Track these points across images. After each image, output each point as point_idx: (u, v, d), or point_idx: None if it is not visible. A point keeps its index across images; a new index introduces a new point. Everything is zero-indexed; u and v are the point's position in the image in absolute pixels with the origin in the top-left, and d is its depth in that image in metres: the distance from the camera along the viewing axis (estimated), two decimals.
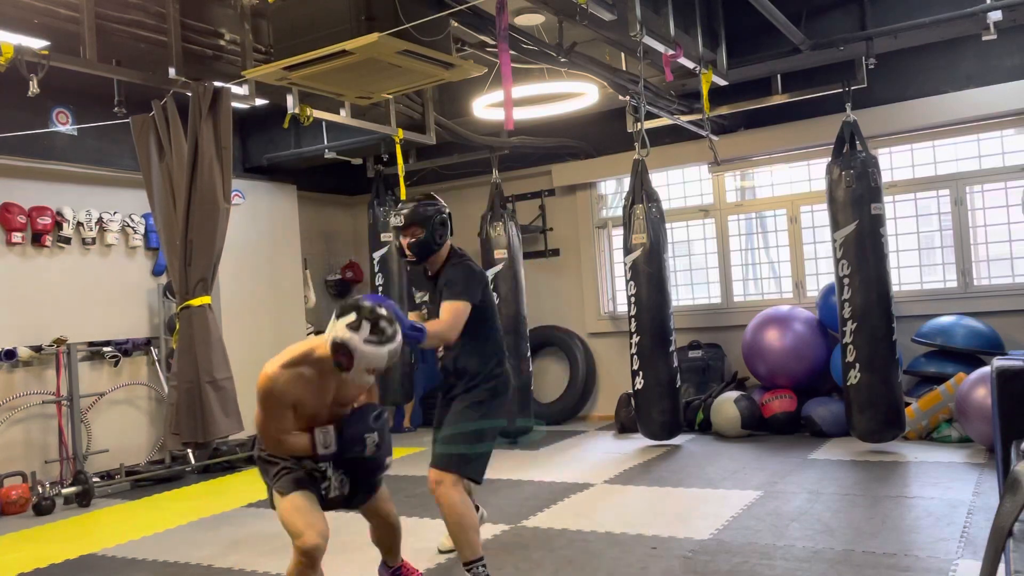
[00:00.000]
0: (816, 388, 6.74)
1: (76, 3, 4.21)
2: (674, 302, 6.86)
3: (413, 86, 4.64)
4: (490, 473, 5.78)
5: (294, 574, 2.95)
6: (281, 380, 2.90)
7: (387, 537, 3.45)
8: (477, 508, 4.04)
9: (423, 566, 3.93)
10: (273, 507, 3.10)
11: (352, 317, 2.82)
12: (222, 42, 4.92)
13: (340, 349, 2.83)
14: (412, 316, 3.71)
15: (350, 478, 3.15)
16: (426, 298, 3.65)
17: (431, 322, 3.38)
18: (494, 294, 7.05)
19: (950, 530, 3.91)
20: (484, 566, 3.40)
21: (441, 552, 4.15)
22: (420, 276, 3.70)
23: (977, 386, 5.39)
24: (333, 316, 2.90)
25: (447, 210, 3.58)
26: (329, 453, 3.03)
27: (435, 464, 3.44)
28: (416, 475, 6.03)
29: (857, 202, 5.66)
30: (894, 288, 5.84)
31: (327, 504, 3.11)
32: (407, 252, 3.54)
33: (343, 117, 5.66)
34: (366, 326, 2.80)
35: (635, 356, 6.34)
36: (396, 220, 3.55)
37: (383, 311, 2.88)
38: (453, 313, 3.38)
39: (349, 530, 4.63)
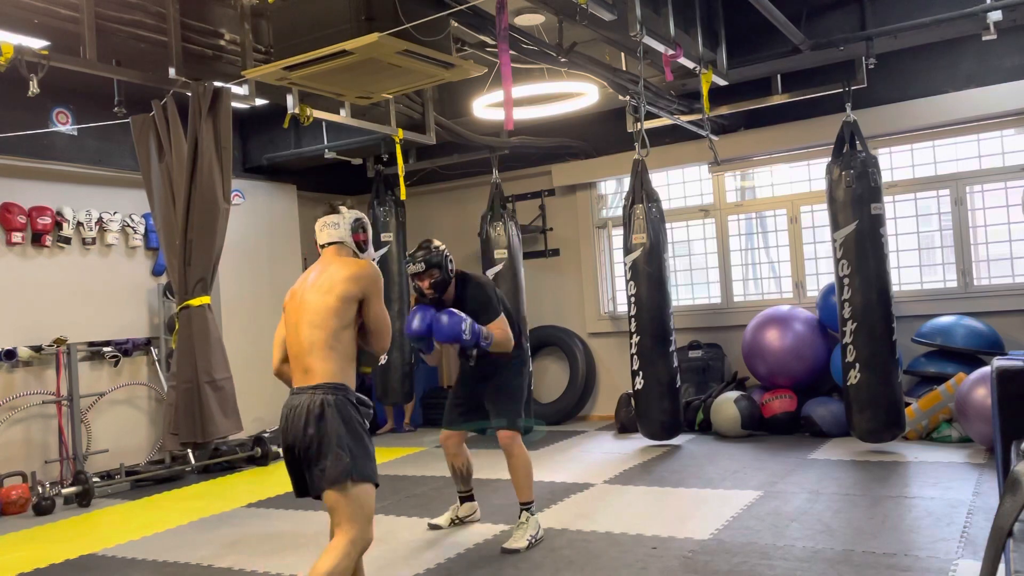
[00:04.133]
0: (816, 388, 6.73)
1: (76, 3, 4.21)
2: (674, 302, 6.86)
3: (413, 86, 4.63)
4: (490, 473, 5.80)
5: (349, 560, 2.78)
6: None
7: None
8: (472, 498, 4.67)
9: (424, 567, 3.94)
10: (333, 492, 2.83)
11: (344, 206, 3.21)
12: (222, 42, 4.92)
13: (360, 226, 3.17)
14: None
15: None
16: None
17: (493, 331, 4.10)
18: None
19: (950, 530, 3.90)
20: (534, 504, 4.30)
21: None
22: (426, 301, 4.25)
23: (977, 386, 5.39)
24: (327, 222, 3.17)
25: (446, 250, 4.25)
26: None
27: (503, 427, 4.21)
28: (416, 475, 6.03)
29: (857, 202, 5.66)
30: (894, 288, 5.84)
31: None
32: (427, 292, 4.15)
33: (343, 117, 5.66)
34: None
35: (635, 356, 6.34)
36: (417, 267, 4.13)
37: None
38: (503, 327, 4.15)
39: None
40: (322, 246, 3.17)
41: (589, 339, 8.17)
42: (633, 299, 6.33)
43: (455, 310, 4.03)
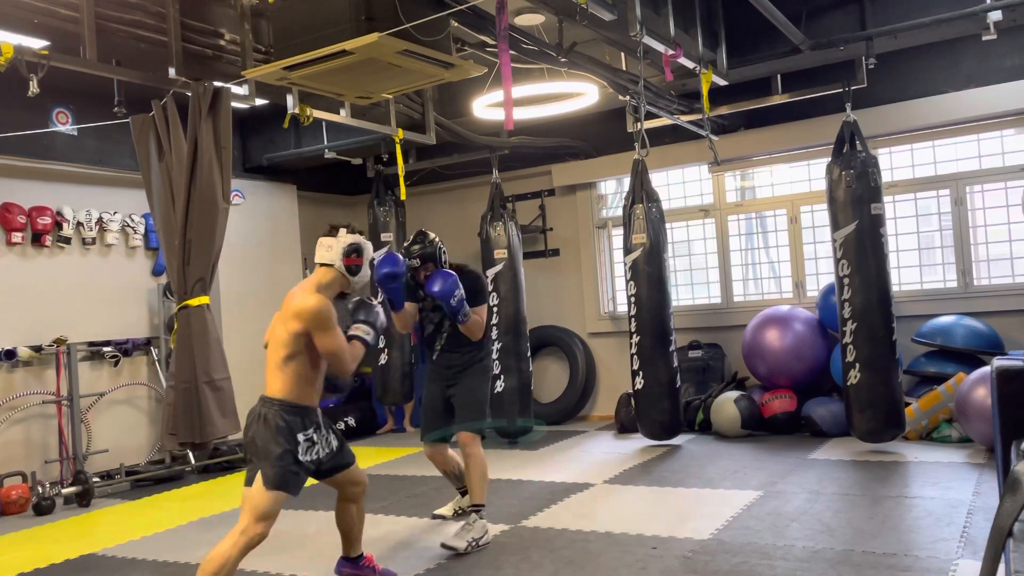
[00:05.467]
0: (816, 388, 6.73)
1: (76, 3, 4.21)
2: (674, 302, 6.86)
3: (413, 86, 4.64)
4: (490, 473, 5.78)
5: (237, 552, 3.09)
6: (327, 302, 3.27)
7: (356, 516, 3.63)
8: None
9: (424, 567, 3.94)
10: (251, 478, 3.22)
11: (344, 230, 3.42)
12: (222, 42, 4.92)
13: (353, 250, 3.37)
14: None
15: (334, 438, 3.45)
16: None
17: (473, 312, 4.22)
18: (493, 294, 7.08)
19: (950, 530, 3.90)
20: (484, 509, 4.29)
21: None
22: (413, 291, 4.38)
23: (977, 386, 5.39)
24: (322, 243, 3.40)
25: (440, 242, 4.34)
26: (373, 339, 3.49)
27: (464, 429, 4.29)
28: (416, 475, 6.03)
29: (857, 202, 5.66)
30: (894, 288, 5.84)
31: (320, 474, 3.42)
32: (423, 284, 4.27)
33: (343, 117, 5.66)
34: (356, 232, 3.47)
35: (635, 356, 6.34)
36: (413, 262, 4.26)
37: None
38: (482, 316, 4.29)
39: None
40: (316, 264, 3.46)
41: (589, 339, 8.17)
42: (633, 299, 6.33)
43: (452, 272, 4.16)
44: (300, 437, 3.23)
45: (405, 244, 4.36)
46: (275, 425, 3.19)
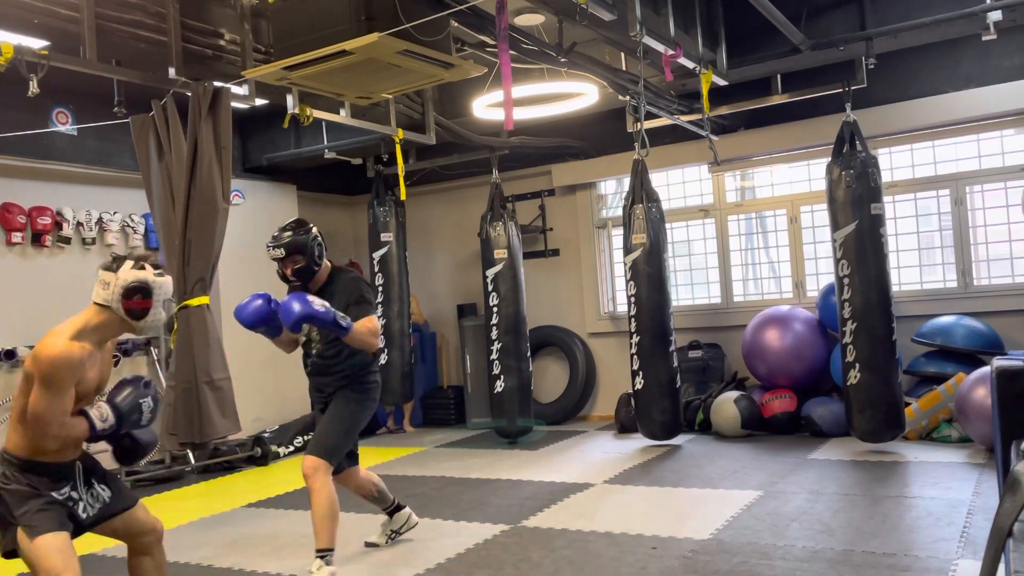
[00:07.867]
0: (816, 388, 6.73)
1: (76, 3, 4.21)
2: (674, 302, 6.86)
3: (413, 86, 4.64)
4: (489, 473, 5.81)
5: None
6: (76, 354, 2.66)
7: (156, 561, 3.16)
8: (399, 507, 4.33)
9: (423, 567, 3.93)
10: (13, 551, 2.75)
11: (129, 263, 2.78)
12: (222, 42, 4.92)
13: (137, 291, 2.74)
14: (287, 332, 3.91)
15: (106, 487, 2.96)
16: None
17: (359, 322, 3.67)
18: (493, 294, 7.08)
19: (950, 530, 3.91)
20: (332, 554, 3.73)
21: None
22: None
23: (977, 386, 5.39)
24: (100, 278, 2.79)
25: (319, 234, 3.90)
26: (108, 428, 2.82)
27: (312, 452, 3.76)
28: (416, 475, 6.03)
29: (857, 202, 5.66)
30: (894, 288, 5.84)
31: (84, 528, 2.93)
32: (291, 279, 3.90)
33: (343, 117, 5.67)
34: (146, 265, 2.80)
35: (635, 356, 6.34)
36: (276, 252, 3.81)
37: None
38: (371, 327, 3.74)
39: (364, 527, 4.63)
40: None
41: (589, 339, 8.17)
42: (633, 299, 6.33)
43: (303, 293, 3.60)
44: (55, 495, 2.77)
45: (274, 233, 3.87)
46: (15, 489, 2.71)
